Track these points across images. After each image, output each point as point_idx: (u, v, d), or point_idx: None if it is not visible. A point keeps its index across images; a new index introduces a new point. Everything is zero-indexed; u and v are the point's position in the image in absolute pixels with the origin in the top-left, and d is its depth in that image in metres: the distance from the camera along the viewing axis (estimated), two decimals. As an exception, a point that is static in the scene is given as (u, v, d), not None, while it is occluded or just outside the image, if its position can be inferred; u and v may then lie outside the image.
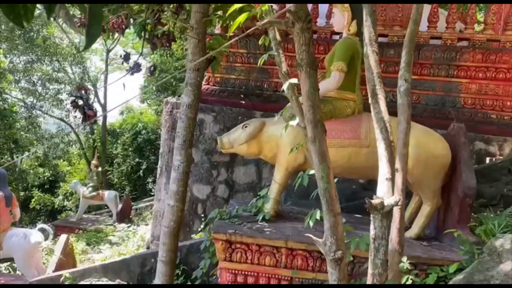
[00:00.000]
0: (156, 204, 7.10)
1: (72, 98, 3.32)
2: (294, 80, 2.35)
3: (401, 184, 2.39)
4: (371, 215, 1.89)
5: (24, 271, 6.50)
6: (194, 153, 5.92)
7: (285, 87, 2.33)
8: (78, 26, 4.22)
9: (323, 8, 6.83)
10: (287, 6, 6.11)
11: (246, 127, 4.22)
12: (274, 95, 6.79)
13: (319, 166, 1.97)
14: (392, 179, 1.93)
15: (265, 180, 6.57)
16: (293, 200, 6.06)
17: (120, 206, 12.30)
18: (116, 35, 4.76)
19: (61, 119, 17.58)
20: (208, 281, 4.38)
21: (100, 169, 13.80)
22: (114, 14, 3.47)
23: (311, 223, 2.29)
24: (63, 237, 6.81)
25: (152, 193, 17.65)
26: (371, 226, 1.90)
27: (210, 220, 4.26)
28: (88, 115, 3.32)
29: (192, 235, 6.56)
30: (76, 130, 17.72)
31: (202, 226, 6.83)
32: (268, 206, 4.07)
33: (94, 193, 12.61)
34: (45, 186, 18.13)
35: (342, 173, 4.01)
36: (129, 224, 9.89)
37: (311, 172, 2.25)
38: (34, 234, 6.56)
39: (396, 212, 2.19)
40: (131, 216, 12.56)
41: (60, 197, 17.43)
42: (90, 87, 18.16)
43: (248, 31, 2.49)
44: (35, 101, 16.65)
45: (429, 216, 3.97)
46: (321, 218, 2.82)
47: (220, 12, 4.36)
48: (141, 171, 17.62)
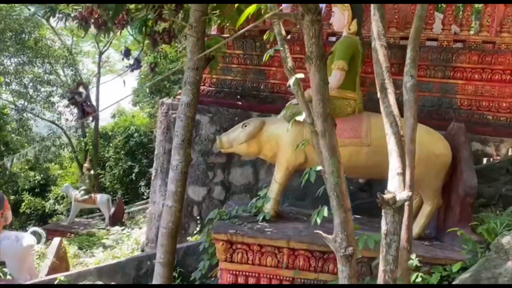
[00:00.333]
0: (151, 206, 7.01)
1: (70, 95, 3.25)
2: (300, 75, 2.32)
3: (409, 180, 2.36)
4: (383, 211, 1.86)
5: (16, 275, 6.36)
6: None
7: (291, 82, 2.29)
8: (77, 23, 4.16)
9: (321, 8, 6.82)
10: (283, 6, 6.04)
11: (245, 126, 4.18)
12: (270, 96, 6.75)
13: (329, 161, 1.93)
14: (404, 174, 1.90)
15: (262, 181, 6.51)
16: (290, 202, 6.03)
17: (112, 209, 12.18)
18: (113, 34, 4.69)
19: (53, 122, 17.38)
20: (207, 283, 4.31)
21: (92, 172, 13.65)
22: (116, 13, 3.42)
23: (318, 220, 2.25)
24: (56, 240, 6.68)
25: (144, 197, 17.47)
26: (382, 222, 1.87)
27: (209, 221, 4.21)
28: (87, 111, 3.26)
29: (188, 238, 6.48)
30: (68, 133, 17.52)
31: (197, 229, 6.75)
32: (268, 206, 4.03)
33: (86, 197, 12.48)
34: (36, 190, 17.88)
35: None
36: (123, 227, 9.77)
37: (319, 168, 2.21)
38: (27, 237, 6.43)
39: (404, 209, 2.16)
40: (123, 220, 12.44)
41: (51, 201, 17.21)
42: (82, 89, 18.05)
43: (252, 25, 2.45)
44: (26, 103, 16.44)
45: (430, 215, 3.96)
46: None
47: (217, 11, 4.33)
48: (134, 174, 17.47)
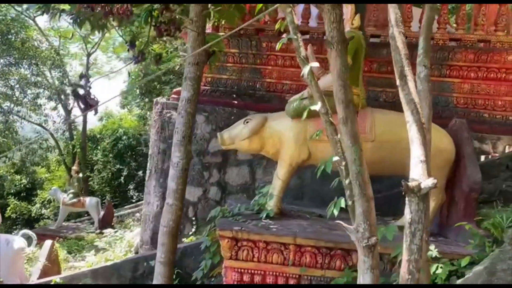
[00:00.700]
0: (145, 207, 6.88)
1: (73, 87, 3.14)
2: (315, 64, 2.27)
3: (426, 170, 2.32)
4: (407, 199, 1.81)
5: (6, 279, 6.17)
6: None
7: (305, 71, 2.23)
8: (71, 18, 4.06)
9: (315, 9, 6.81)
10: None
11: (247, 122, 4.12)
12: (267, 95, 6.71)
13: (351, 149, 1.88)
14: (427, 162, 1.85)
15: (259, 181, 6.44)
16: (288, 201, 5.96)
17: (102, 213, 11.96)
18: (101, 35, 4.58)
19: (39, 125, 17.06)
20: (209, 282, 4.22)
21: (81, 175, 13.40)
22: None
23: (335, 212, 2.19)
24: (47, 243, 6.50)
25: (133, 200, 17.22)
26: (407, 211, 1.82)
27: (211, 219, 4.12)
28: (90, 104, 3.16)
29: (183, 239, 6.36)
30: (55, 135, 17.20)
31: (193, 230, 6.65)
32: (271, 203, 3.96)
33: (75, 200, 12.25)
34: (22, 194, 17.48)
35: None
36: (115, 230, 9.59)
37: (335, 158, 2.15)
38: (17, 240, 6.26)
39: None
40: (113, 223, 12.22)
41: (38, 205, 16.83)
42: (70, 92, 17.77)
43: (259, 16, 2.39)
44: (12, 105, 16.09)
45: (433, 211, 3.93)
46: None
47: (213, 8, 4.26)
48: (122, 177, 17.20)
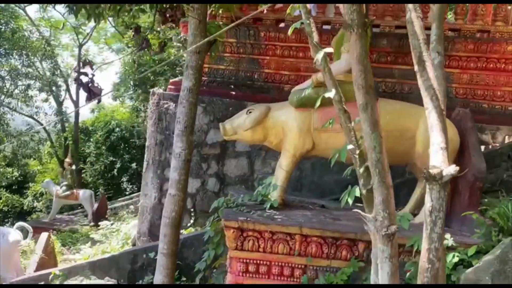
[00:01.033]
0: (143, 199, 6.82)
1: (76, 75, 3.07)
2: (329, 49, 2.22)
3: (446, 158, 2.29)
4: (427, 187, 1.78)
5: (2, 272, 6.09)
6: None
7: (319, 57, 2.18)
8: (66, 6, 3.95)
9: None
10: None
11: (250, 112, 4.06)
12: (265, 86, 6.65)
13: (371, 135, 1.84)
14: (447, 148, 1.82)
15: (258, 172, 6.41)
16: (287, 192, 5.94)
17: (95, 205, 11.85)
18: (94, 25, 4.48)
19: (31, 116, 16.82)
20: (211, 273, 4.19)
21: (74, 167, 13.26)
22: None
23: (350, 200, 2.16)
24: (44, 235, 6.41)
25: (127, 193, 17.11)
26: (427, 198, 1.79)
27: (213, 210, 4.07)
28: (94, 92, 3.08)
29: (182, 231, 6.32)
30: (47, 128, 16.98)
31: (191, 221, 6.60)
32: (275, 194, 3.93)
33: (68, 192, 12.13)
34: (13, 187, 17.30)
35: (352, 160, 3.91)
36: (112, 222, 9.51)
37: (350, 146, 2.12)
38: (13, 233, 6.17)
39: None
40: (107, 216, 12.12)
41: (30, 198, 16.67)
42: (62, 83, 17.56)
43: (261, 9, 2.33)
44: (2, 97, 15.83)
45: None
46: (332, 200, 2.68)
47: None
48: (115, 170, 17.08)
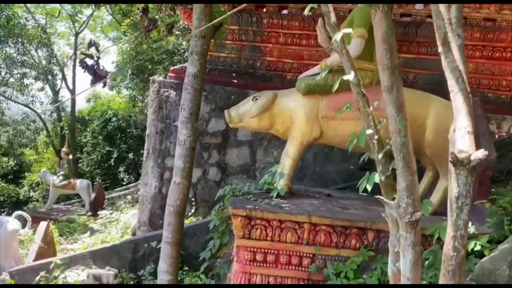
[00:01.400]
0: (143, 188, 6.74)
1: (81, 57, 2.96)
2: (348, 30, 2.13)
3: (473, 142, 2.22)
4: (454, 172, 1.71)
5: (1, 261, 6.01)
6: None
7: (337, 37, 2.10)
8: None
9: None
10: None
11: (256, 99, 3.98)
12: (267, 74, 6.55)
13: (396, 118, 1.77)
14: (474, 132, 1.75)
15: (260, 161, 6.34)
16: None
17: (93, 195, 11.75)
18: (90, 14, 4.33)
19: (26, 105, 16.61)
20: (216, 262, 4.13)
21: (71, 157, 13.12)
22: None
23: (368, 187, 2.10)
24: (43, 224, 6.33)
25: (124, 183, 17.01)
26: (453, 184, 1.72)
27: (219, 198, 4.01)
28: (100, 75, 2.98)
29: (182, 220, 6.24)
30: (43, 117, 16.78)
31: (192, 211, 6.54)
32: (282, 182, 3.85)
33: (65, 182, 12.01)
34: (9, 176, 17.14)
35: (359, 147, 3.84)
36: (111, 211, 9.43)
37: (369, 131, 2.04)
38: (11, 222, 6.09)
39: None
40: (104, 206, 12.05)
41: (26, 188, 16.53)
42: (58, 72, 17.32)
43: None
44: (-3, 86, 15.64)
45: (446, 191, 3.87)
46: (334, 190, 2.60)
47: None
48: (112, 159, 16.97)
